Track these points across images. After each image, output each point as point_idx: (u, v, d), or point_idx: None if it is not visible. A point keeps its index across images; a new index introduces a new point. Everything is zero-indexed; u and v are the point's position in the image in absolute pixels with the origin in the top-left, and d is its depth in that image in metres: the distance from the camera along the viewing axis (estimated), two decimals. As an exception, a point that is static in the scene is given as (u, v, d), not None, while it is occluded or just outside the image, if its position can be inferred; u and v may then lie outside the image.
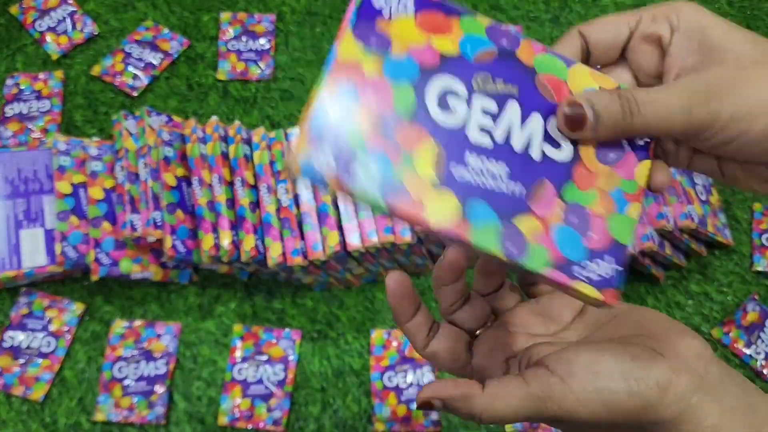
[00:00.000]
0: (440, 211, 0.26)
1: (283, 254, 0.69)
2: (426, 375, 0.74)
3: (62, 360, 0.73)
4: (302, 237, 0.70)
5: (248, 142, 0.75)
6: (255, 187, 0.73)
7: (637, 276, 0.80)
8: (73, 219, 0.73)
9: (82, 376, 0.73)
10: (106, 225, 0.73)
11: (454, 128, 0.26)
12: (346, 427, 0.72)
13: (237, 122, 0.75)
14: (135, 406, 0.71)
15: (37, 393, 0.71)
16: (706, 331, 0.78)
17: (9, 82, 0.87)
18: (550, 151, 0.27)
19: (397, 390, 0.73)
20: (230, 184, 0.72)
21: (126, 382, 0.72)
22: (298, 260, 0.69)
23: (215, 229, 0.70)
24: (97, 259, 0.71)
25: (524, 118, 0.27)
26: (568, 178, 0.27)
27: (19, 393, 0.71)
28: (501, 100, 0.27)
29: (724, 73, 0.26)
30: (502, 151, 0.27)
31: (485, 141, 0.27)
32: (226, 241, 0.69)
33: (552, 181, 0.27)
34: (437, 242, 0.73)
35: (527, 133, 0.27)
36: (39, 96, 0.87)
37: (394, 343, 0.76)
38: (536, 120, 0.27)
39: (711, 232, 0.76)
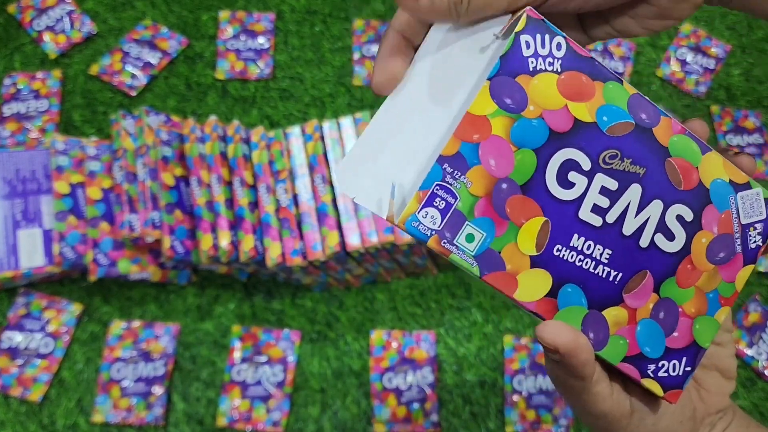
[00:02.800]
0: (532, 290, 0.25)
1: (283, 254, 0.69)
2: (426, 376, 0.74)
3: (60, 361, 0.73)
4: (301, 237, 0.70)
5: (247, 141, 0.75)
6: (254, 187, 0.72)
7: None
8: (71, 219, 0.73)
9: (80, 377, 0.73)
10: (104, 225, 0.73)
11: (567, 203, 0.25)
12: (345, 428, 0.72)
13: (236, 122, 0.75)
14: (133, 407, 0.71)
15: (36, 394, 0.71)
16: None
17: (7, 81, 0.87)
18: (661, 242, 0.26)
19: (397, 391, 0.73)
20: (229, 184, 0.72)
21: (124, 383, 0.72)
22: (298, 261, 0.69)
23: (214, 230, 0.69)
24: (95, 260, 0.71)
25: (644, 203, 0.26)
26: (671, 273, 0.26)
27: (17, 394, 0.71)
28: (624, 181, 0.26)
29: None
30: (609, 233, 0.26)
31: (595, 221, 0.26)
32: (224, 241, 0.68)
33: (654, 274, 0.26)
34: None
35: (642, 219, 0.26)
36: (37, 95, 0.86)
37: (394, 344, 0.75)
38: (656, 207, 0.26)
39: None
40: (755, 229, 0.27)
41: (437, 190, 0.24)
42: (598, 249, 0.26)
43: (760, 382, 0.75)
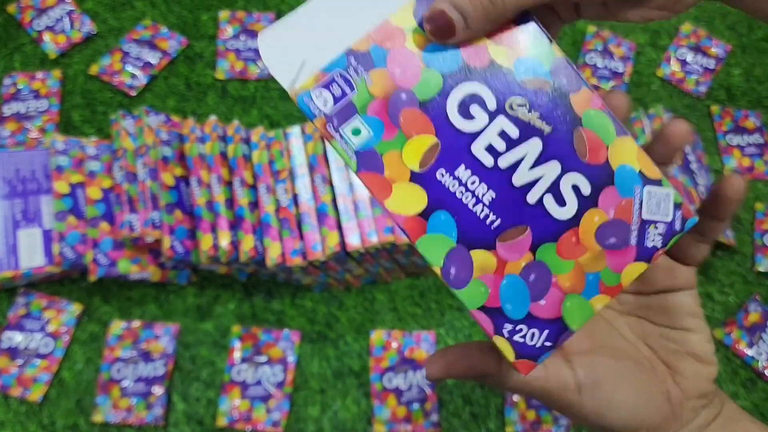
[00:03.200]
0: (404, 204, 0.25)
1: (282, 255, 0.69)
2: (426, 376, 0.74)
3: (60, 361, 0.73)
4: (301, 237, 0.70)
5: (247, 141, 0.75)
6: (254, 187, 0.72)
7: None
8: (71, 219, 0.73)
9: (80, 377, 0.73)
10: (104, 225, 0.73)
11: (462, 133, 0.25)
12: (345, 428, 0.72)
13: (236, 122, 0.75)
14: (133, 408, 0.71)
15: (35, 394, 0.71)
16: (708, 332, 0.78)
17: (7, 81, 0.87)
18: (550, 204, 0.25)
19: (397, 391, 0.73)
20: (229, 184, 0.72)
21: (124, 383, 0.72)
22: (298, 261, 0.68)
23: (214, 230, 0.69)
24: (95, 260, 0.71)
25: (541, 160, 0.25)
26: (553, 239, 0.25)
27: (17, 394, 0.71)
28: (526, 132, 0.25)
29: None
30: (498, 177, 0.25)
31: (486, 159, 0.25)
32: (224, 241, 0.68)
33: (534, 232, 0.25)
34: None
35: (536, 174, 0.25)
36: (37, 95, 0.86)
37: (394, 345, 0.75)
38: (553, 168, 0.25)
39: (713, 233, 0.75)
40: (656, 228, 0.26)
41: (337, 77, 0.25)
42: (482, 188, 0.25)
43: (760, 382, 0.75)
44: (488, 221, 0.25)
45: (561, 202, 0.25)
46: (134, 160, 0.73)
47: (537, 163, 0.25)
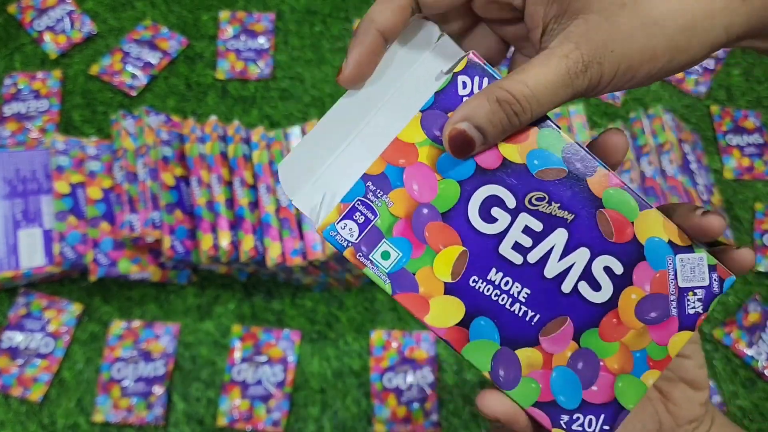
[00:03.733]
0: (443, 317, 0.25)
1: (283, 254, 0.69)
2: (426, 376, 0.74)
3: (61, 361, 0.73)
4: (302, 237, 0.70)
5: (247, 141, 0.75)
6: (254, 187, 0.72)
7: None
8: (72, 219, 0.73)
9: (80, 376, 0.73)
10: (104, 225, 0.73)
11: (487, 237, 0.25)
12: (345, 428, 0.72)
13: (236, 122, 0.75)
14: (134, 407, 0.71)
15: (36, 394, 0.71)
16: (708, 332, 0.78)
17: (7, 81, 0.87)
18: (585, 290, 0.26)
19: (397, 391, 0.73)
20: (229, 184, 0.72)
21: (125, 383, 0.72)
22: (298, 260, 0.69)
23: (214, 230, 0.69)
24: (95, 260, 0.71)
25: (569, 249, 0.26)
26: (594, 324, 0.26)
27: (17, 394, 0.71)
28: (550, 224, 0.26)
29: (594, 27, 0.23)
30: (530, 273, 0.25)
31: (515, 258, 0.25)
32: (225, 241, 0.68)
33: (574, 321, 0.25)
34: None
35: (566, 264, 0.26)
36: (37, 95, 0.86)
37: (394, 344, 0.75)
38: (582, 255, 0.26)
39: (712, 233, 0.75)
40: (695, 294, 0.26)
41: (358, 204, 0.25)
42: (516, 287, 0.25)
43: (760, 382, 0.75)
44: (527, 318, 0.25)
45: (595, 286, 0.26)
46: (134, 160, 0.74)
47: (565, 252, 0.26)
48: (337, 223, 0.25)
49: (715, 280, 0.26)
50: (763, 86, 0.94)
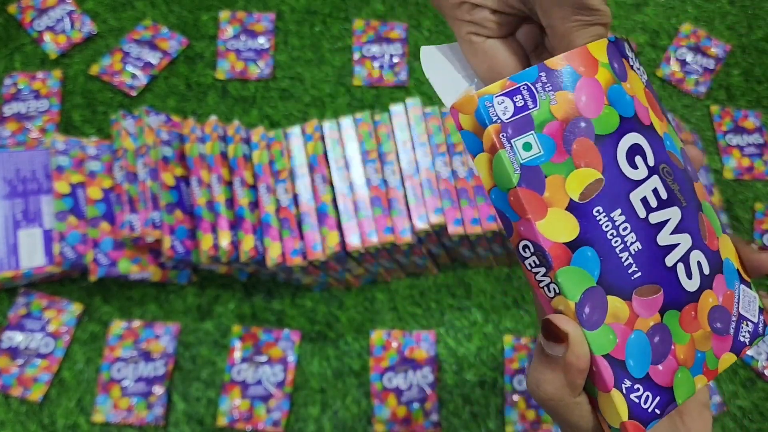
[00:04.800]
0: (555, 229, 0.24)
1: (283, 254, 0.69)
2: (426, 376, 0.74)
3: (61, 361, 0.73)
4: (301, 237, 0.70)
5: (247, 141, 0.75)
6: (254, 187, 0.72)
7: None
8: (72, 219, 0.73)
9: (80, 376, 0.73)
10: (104, 225, 0.73)
11: (625, 178, 0.25)
12: (345, 428, 0.72)
13: (236, 122, 0.75)
14: (134, 407, 0.71)
15: (36, 394, 0.71)
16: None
17: (7, 81, 0.87)
18: (681, 273, 0.25)
19: (397, 391, 0.73)
20: (229, 184, 0.72)
21: (125, 383, 0.72)
22: (298, 260, 0.69)
23: (214, 230, 0.69)
24: (95, 260, 0.71)
25: (679, 229, 0.26)
26: (678, 308, 0.25)
27: (17, 394, 0.71)
28: (671, 198, 0.26)
29: None
30: (647, 231, 0.25)
31: (640, 210, 0.25)
32: (225, 241, 0.69)
33: (666, 296, 0.25)
34: (436, 242, 0.73)
35: (674, 241, 0.25)
36: (37, 95, 0.86)
37: (394, 344, 0.75)
38: (686, 240, 0.26)
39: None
40: (747, 325, 0.27)
41: (524, 88, 0.24)
42: (632, 237, 0.25)
43: (760, 382, 0.75)
44: (630, 270, 0.24)
45: (689, 274, 0.26)
46: (135, 160, 0.74)
47: (676, 231, 0.25)
48: (497, 96, 0.24)
49: (761, 321, 0.27)
50: (763, 86, 0.94)
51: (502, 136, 0.24)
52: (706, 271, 0.26)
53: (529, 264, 0.24)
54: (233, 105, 0.89)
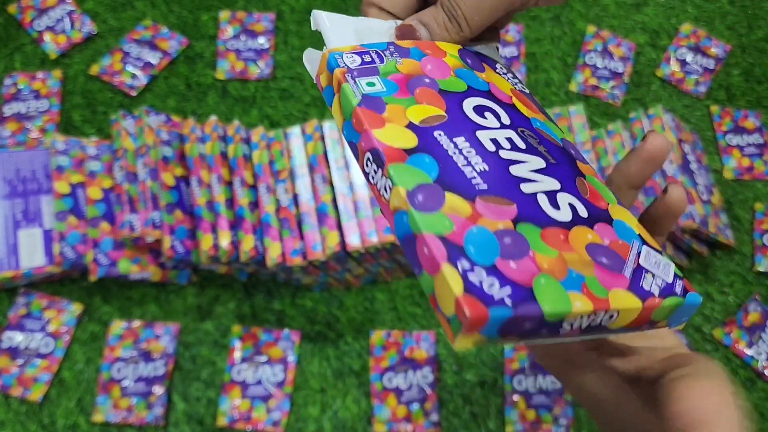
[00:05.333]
0: (392, 136, 0.23)
1: (283, 254, 0.69)
2: (426, 376, 0.74)
3: (61, 361, 0.73)
4: (301, 237, 0.70)
5: (247, 141, 0.75)
6: (254, 187, 0.72)
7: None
8: (72, 219, 0.73)
9: (80, 376, 0.73)
10: (104, 225, 0.73)
11: (470, 121, 0.25)
12: (345, 428, 0.72)
13: (236, 122, 0.75)
14: (134, 407, 0.71)
15: (36, 394, 0.71)
16: (708, 332, 0.78)
17: (7, 81, 0.87)
18: (544, 202, 0.23)
19: (397, 391, 0.73)
20: (229, 184, 0.72)
21: (125, 383, 0.72)
22: (298, 260, 0.69)
23: (214, 229, 0.69)
24: (95, 260, 0.71)
25: (542, 173, 0.24)
26: (540, 226, 0.22)
27: (17, 394, 0.71)
28: (532, 150, 0.25)
29: None
30: (495, 160, 0.23)
31: (488, 146, 0.24)
32: (225, 241, 0.69)
33: (520, 211, 0.22)
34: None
35: (533, 177, 0.24)
36: (37, 95, 0.86)
37: (394, 344, 0.75)
38: (552, 182, 0.24)
39: (712, 233, 0.75)
40: (654, 278, 0.23)
41: (372, 52, 0.26)
42: (477, 159, 0.23)
43: (760, 382, 0.75)
44: (474, 182, 0.22)
45: (555, 205, 0.23)
46: (134, 160, 0.74)
47: (537, 172, 0.24)
48: (347, 54, 0.26)
49: (678, 285, 0.24)
50: (763, 86, 0.94)
51: (348, 75, 0.25)
52: (583, 213, 0.24)
53: (372, 177, 0.23)
54: (233, 105, 0.89)
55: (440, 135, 0.23)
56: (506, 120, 0.26)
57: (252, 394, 0.72)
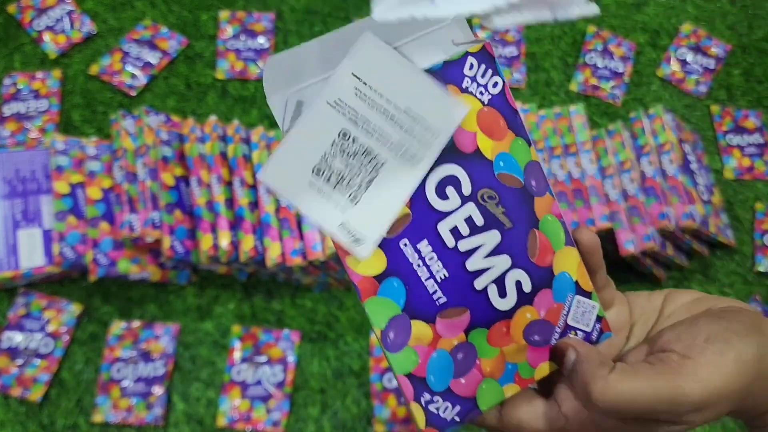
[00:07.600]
0: (363, 264, 0.26)
1: (282, 254, 0.69)
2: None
3: (60, 361, 0.73)
4: (301, 237, 0.70)
5: (247, 141, 0.75)
6: (254, 187, 0.72)
7: (639, 276, 0.79)
8: (71, 219, 0.73)
9: (80, 377, 0.73)
10: (104, 225, 0.73)
11: (434, 210, 0.27)
12: (345, 428, 0.72)
13: (236, 121, 0.75)
14: (133, 408, 0.71)
15: (35, 394, 0.71)
16: (708, 332, 0.78)
17: (7, 81, 0.87)
18: (493, 294, 0.27)
19: (397, 391, 0.73)
20: (229, 184, 0.72)
21: (124, 383, 0.72)
22: (298, 260, 0.68)
23: (214, 230, 0.69)
24: (95, 260, 0.71)
25: (496, 252, 0.27)
26: (486, 326, 0.27)
27: (17, 394, 0.71)
28: (490, 223, 0.27)
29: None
30: (455, 259, 0.27)
31: (449, 240, 0.27)
32: (224, 241, 0.68)
33: (473, 316, 0.27)
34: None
35: (488, 264, 0.27)
36: (37, 95, 0.86)
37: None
38: (503, 262, 0.27)
39: (713, 233, 0.75)
40: (576, 334, 0.29)
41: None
42: (438, 265, 0.27)
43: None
44: (435, 297, 0.27)
45: (503, 293, 0.28)
46: (134, 160, 0.73)
47: (491, 253, 0.27)
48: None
49: (596, 330, 0.29)
50: (763, 86, 0.94)
51: None
52: (527, 288, 0.28)
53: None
54: (233, 105, 0.88)
55: (405, 245, 0.26)
56: (467, 189, 0.27)
57: (252, 394, 0.72)
